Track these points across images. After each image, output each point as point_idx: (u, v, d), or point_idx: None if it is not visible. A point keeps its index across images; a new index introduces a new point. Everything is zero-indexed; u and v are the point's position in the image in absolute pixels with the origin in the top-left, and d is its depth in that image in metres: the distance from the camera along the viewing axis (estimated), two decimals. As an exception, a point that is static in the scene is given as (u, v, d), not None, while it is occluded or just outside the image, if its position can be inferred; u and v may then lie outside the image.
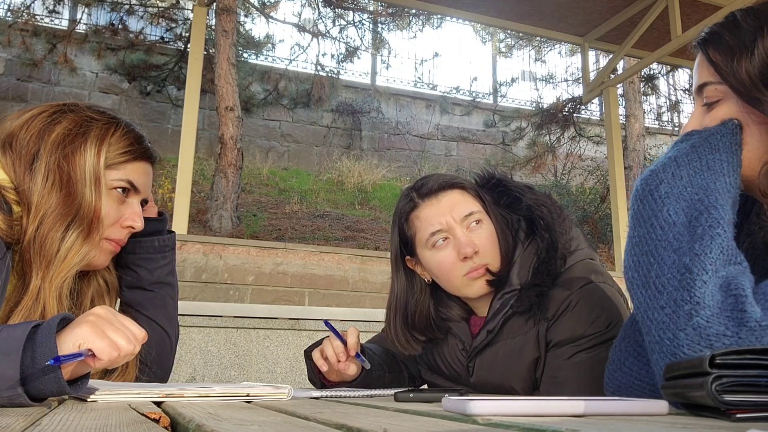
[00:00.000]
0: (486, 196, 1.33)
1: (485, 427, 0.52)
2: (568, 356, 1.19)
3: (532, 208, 1.29)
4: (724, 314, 0.72)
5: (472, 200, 1.30)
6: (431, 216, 1.28)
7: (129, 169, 1.19)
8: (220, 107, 6.49)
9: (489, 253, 1.27)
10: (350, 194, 8.64)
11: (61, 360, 0.78)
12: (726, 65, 0.90)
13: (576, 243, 1.30)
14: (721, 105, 0.92)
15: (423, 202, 1.30)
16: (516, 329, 1.26)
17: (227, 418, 0.61)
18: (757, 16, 0.90)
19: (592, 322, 1.18)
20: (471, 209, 1.28)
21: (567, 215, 1.33)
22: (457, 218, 1.27)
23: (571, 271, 1.25)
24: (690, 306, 0.74)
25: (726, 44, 0.91)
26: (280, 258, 5.00)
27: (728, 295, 0.73)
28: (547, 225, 1.27)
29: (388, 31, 9.95)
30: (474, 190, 1.33)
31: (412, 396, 0.88)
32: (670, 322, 0.75)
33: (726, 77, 0.90)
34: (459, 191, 1.31)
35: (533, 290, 1.23)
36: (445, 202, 1.29)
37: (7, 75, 8.09)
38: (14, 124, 1.13)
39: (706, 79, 0.94)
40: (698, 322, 0.73)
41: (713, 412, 0.58)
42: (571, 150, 9.74)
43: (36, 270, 1.07)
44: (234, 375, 3.45)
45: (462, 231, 1.26)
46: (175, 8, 8.63)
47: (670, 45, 5.35)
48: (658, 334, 0.77)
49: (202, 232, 6.29)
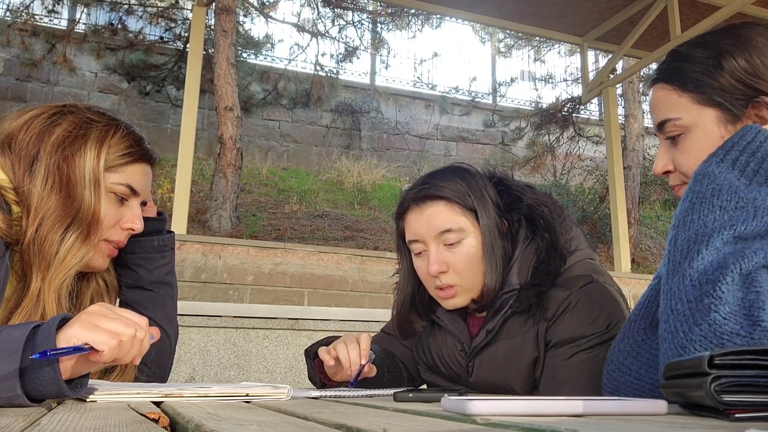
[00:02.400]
0: (481, 204, 1.27)
1: (484, 427, 0.52)
2: (568, 356, 1.19)
3: (533, 208, 1.29)
4: (742, 312, 0.72)
5: (455, 215, 1.26)
6: (411, 224, 1.30)
7: (129, 172, 1.19)
8: (219, 107, 6.49)
9: (463, 273, 1.25)
10: (349, 194, 8.64)
11: (49, 354, 0.76)
12: (702, 80, 0.94)
13: (576, 243, 1.30)
14: (686, 137, 0.97)
15: (409, 208, 1.31)
16: (515, 329, 1.26)
17: (226, 418, 0.61)
18: (705, 47, 0.96)
19: (592, 322, 1.18)
20: (449, 225, 1.25)
21: (567, 215, 1.33)
22: (433, 233, 1.26)
23: (571, 271, 1.25)
24: (710, 300, 0.74)
25: (691, 70, 0.96)
26: (279, 258, 5.00)
27: (749, 292, 0.74)
28: (547, 224, 1.27)
29: (388, 31, 9.95)
30: (462, 201, 1.27)
31: (411, 396, 0.88)
32: (690, 315, 0.75)
33: (708, 89, 0.94)
34: (444, 203, 1.26)
35: (532, 290, 1.23)
36: (427, 214, 1.27)
37: (7, 75, 8.08)
38: (13, 124, 1.13)
39: (665, 115, 0.99)
40: (715, 317, 0.73)
41: (712, 411, 0.59)
42: (571, 150, 9.74)
43: (36, 272, 1.07)
44: (233, 375, 3.45)
45: (435, 247, 1.26)
46: (175, 8, 8.63)
47: (669, 45, 5.35)
48: (674, 325, 0.77)
49: (201, 232, 6.29)
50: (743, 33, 0.95)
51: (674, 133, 0.98)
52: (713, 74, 0.94)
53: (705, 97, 0.95)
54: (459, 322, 1.35)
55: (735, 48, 0.93)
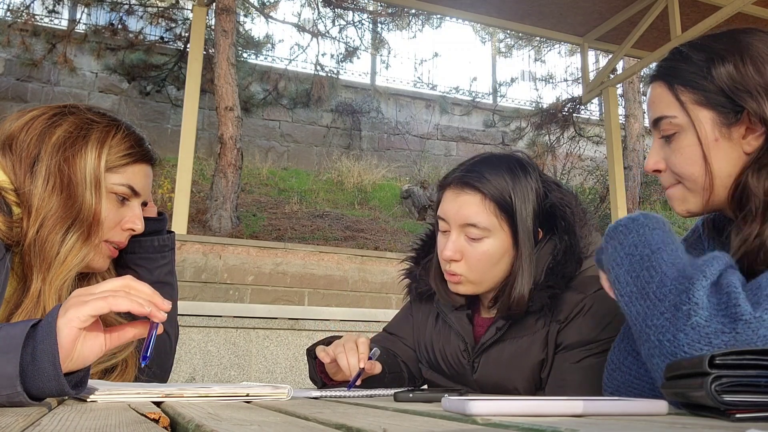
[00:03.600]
0: (521, 208, 1.23)
1: (485, 427, 0.52)
2: (578, 360, 1.18)
3: (556, 207, 1.27)
4: (721, 313, 0.74)
5: (487, 214, 1.23)
6: (444, 203, 1.29)
7: (129, 172, 1.19)
8: (219, 107, 6.49)
9: (475, 268, 1.25)
10: (350, 194, 8.64)
11: (148, 356, 0.85)
12: (698, 82, 0.95)
13: (593, 248, 1.27)
14: (680, 136, 0.97)
15: (448, 188, 1.29)
16: (525, 328, 1.25)
17: (227, 418, 0.61)
18: (701, 49, 0.97)
19: (605, 327, 1.18)
20: (476, 221, 1.22)
21: (589, 219, 1.30)
22: (460, 221, 1.25)
23: (586, 274, 1.24)
24: (689, 306, 0.75)
25: (687, 71, 0.96)
26: (279, 258, 5.00)
27: (722, 294, 0.75)
28: (568, 227, 1.25)
29: (388, 31, 9.95)
30: (500, 201, 1.23)
31: (411, 396, 0.88)
32: (670, 325, 0.76)
33: (703, 91, 0.94)
34: (480, 198, 1.23)
35: (546, 291, 1.22)
36: (460, 201, 1.25)
37: (7, 75, 8.08)
38: (14, 125, 1.13)
39: (661, 112, 0.99)
40: (697, 321, 0.74)
41: (713, 411, 0.59)
42: (571, 150, 9.74)
43: (37, 272, 1.07)
44: (233, 375, 3.46)
45: (457, 235, 1.25)
46: (175, 8, 8.63)
47: (669, 45, 5.35)
48: (657, 338, 0.78)
49: (201, 232, 6.29)
50: (742, 38, 0.94)
51: (669, 132, 0.98)
52: (706, 77, 0.94)
53: (700, 99, 0.95)
54: (465, 323, 1.35)
55: (728, 54, 0.93)
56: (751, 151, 0.92)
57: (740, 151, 0.93)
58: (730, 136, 0.93)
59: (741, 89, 0.91)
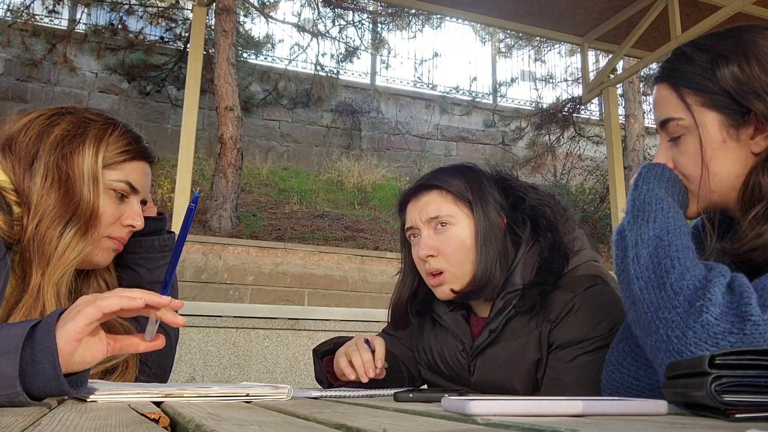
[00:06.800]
0: (478, 198, 1.30)
1: (485, 427, 0.52)
2: (571, 359, 1.19)
3: (536, 208, 1.30)
4: (732, 311, 0.74)
5: (447, 203, 1.30)
6: (408, 213, 1.36)
7: (127, 169, 1.20)
8: (219, 107, 6.49)
9: (451, 259, 1.27)
10: (350, 194, 8.64)
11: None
12: (703, 84, 0.94)
13: (579, 243, 1.30)
14: (687, 138, 0.97)
15: (409, 200, 1.36)
16: (518, 330, 1.26)
17: (227, 418, 0.61)
18: (705, 50, 0.96)
19: (596, 325, 1.18)
20: (439, 212, 1.29)
21: (570, 215, 1.34)
22: (424, 219, 1.31)
23: (576, 273, 1.26)
24: (702, 302, 0.76)
25: (692, 72, 0.96)
26: (279, 258, 5.00)
27: (735, 293, 0.76)
28: (549, 224, 1.28)
29: (388, 31, 9.95)
30: (457, 192, 1.30)
31: (411, 396, 0.88)
32: (681, 321, 0.77)
33: (708, 93, 0.94)
34: (437, 192, 1.32)
35: (536, 289, 1.23)
36: (421, 203, 1.33)
37: (7, 75, 8.09)
38: (13, 127, 1.15)
39: (668, 114, 0.98)
40: (707, 319, 0.74)
41: (713, 411, 0.59)
42: (571, 150, 9.74)
43: (36, 268, 1.08)
44: (233, 375, 3.46)
45: (427, 232, 1.30)
46: (175, 8, 8.63)
47: (669, 45, 5.35)
48: (665, 333, 0.78)
49: (201, 232, 6.29)
50: (747, 36, 0.93)
51: (676, 133, 0.97)
52: (711, 78, 0.93)
53: (706, 100, 0.94)
54: (461, 323, 1.35)
55: (732, 54, 0.92)
56: (759, 151, 0.91)
57: (748, 151, 0.92)
58: (738, 138, 0.92)
59: (747, 90, 0.90)
